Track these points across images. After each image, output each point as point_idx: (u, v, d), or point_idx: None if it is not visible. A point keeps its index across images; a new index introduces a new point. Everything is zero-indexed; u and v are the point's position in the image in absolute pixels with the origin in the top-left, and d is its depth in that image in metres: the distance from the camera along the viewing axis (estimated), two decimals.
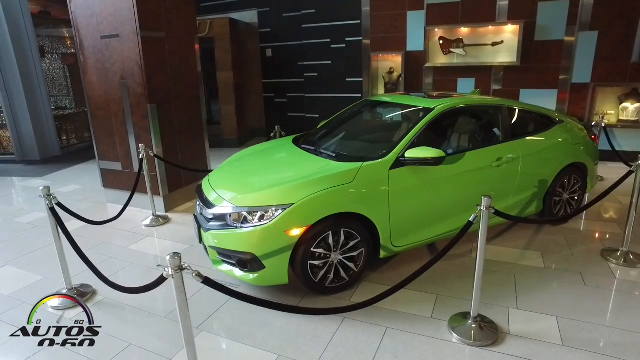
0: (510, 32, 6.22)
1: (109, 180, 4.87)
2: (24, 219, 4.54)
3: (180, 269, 1.69)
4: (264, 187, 2.81)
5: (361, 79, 7.70)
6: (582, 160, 3.79)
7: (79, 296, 2.94)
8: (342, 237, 2.75)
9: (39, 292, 3.04)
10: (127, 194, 3.99)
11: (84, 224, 3.76)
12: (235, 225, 2.69)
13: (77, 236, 3.96)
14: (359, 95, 7.73)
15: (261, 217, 2.63)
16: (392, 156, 2.91)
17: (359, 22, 7.42)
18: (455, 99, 3.38)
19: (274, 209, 2.62)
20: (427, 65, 6.80)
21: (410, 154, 2.88)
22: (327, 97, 8.28)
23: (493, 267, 3.22)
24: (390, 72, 7.38)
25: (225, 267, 2.84)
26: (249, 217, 2.66)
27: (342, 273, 2.85)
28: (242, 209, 2.70)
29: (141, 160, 4.07)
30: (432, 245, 3.62)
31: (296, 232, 2.59)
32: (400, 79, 7.17)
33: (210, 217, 2.87)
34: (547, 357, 2.21)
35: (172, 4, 4.42)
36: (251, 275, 2.69)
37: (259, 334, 2.52)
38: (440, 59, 6.76)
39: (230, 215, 2.73)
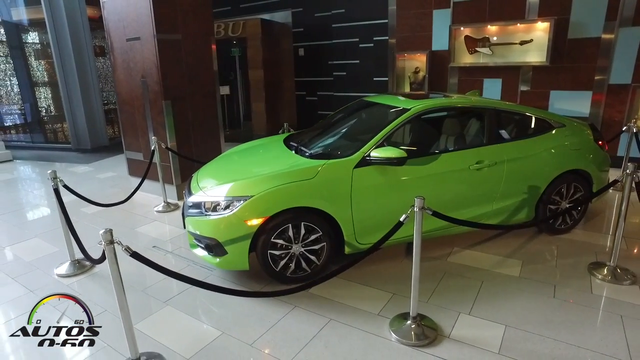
0: (541, 30, 5.85)
1: (133, 168, 5.40)
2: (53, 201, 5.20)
3: (111, 242, 1.95)
4: (234, 179, 3.03)
5: (387, 78, 7.66)
6: (584, 167, 3.54)
7: (79, 267, 3.38)
8: (303, 230, 2.89)
9: (52, 261, 3.53)
10: (149, 182, 4.45)
11: (103, 207, 4.29)
12: (207, 213, 2.94)
13: (95, 217, 4.55)
14: None
15: (226, 207, 2.85)
16: (358, 155, 2.98)
17: (386, 21, 7.39)
18: (434, 100, 3.35)
19: (237, 199, 2.82)
20: (451, 65, 6.61)
21: (374, 153, 2.93)
22: (355, 96, 8.30)
23: (465, 272, 3.16)
24: (416, 72, 7.27)
25: (199, 251, 3.10)
26: (218, 206, 2.89)
27: (304, 265, 2.98)
28: (212, 198, 2.95)
29: (153, 152, 4.48)
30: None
31: (255, 222, 2.78)
32: (425, 78, 7.04)
33: (190, 204, 3.14)
34: None
35: (189, 8, 4.79)
36: (216, 259, 2.93)
37: (215, 312, 2.76)
38: (465, 59, 6.53)
39: (204, 204, 2.98)
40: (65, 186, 3.37)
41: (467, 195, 3.28)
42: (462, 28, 6.40)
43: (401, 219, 2.33)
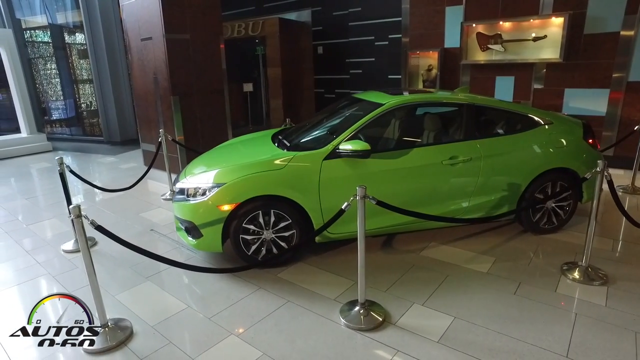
0: (555, 26, 5.63)
1: (148, 159, 5.80)
2: (84, 186, 5.71)
3: (79, 216, 2.22)
4: (214, 168, 3.25)
5: (400, 76, 7.65)
6: (569, 165, 3.44)
7: None
8: (273, 218, 3.06)
9: (62, 239, 3.94)
10: (160, 172, 4.81)
11: (117, 193, 4.73)
12: (188, 198, 3.19)
13: (108, 202, 4.97)
14: None
15: (203, 193, 3.08)
16: (327, 148, 3.11)
17: (400, 19, 7.38)
18: (409, 96, 3.40)
19: (212, 186, 3.04)
20: (463, 62, 6.50)
21: (343, 146, 3.04)
22: None
23: (433, 265, 3.19)
24: (429, 70, 7.21)
25: (183, 234, 3.36)
26: (198, 192, 3.13)
27: (274, 250, 3.15)
28: (193, 184, 3.19)
29: (159, 143, 4.83)
30: (390, 237, 3.68)
31: (226, 207, 2.98)
32: (437, 76, 6.97)
33: (177, 190, 3.41)
34: (412, 349, 2.26)
35: (198, 9, 5.10)
36: (194, 241, 3.17)
37: (187, 289, 3.01)
38: (477, 56, 6.40)
39: (187, 190, 3.23)
40: (72, 171, 3.75)
41: (440, 190, 3.30)
42: (474, 25, 6.28)
43: (343, 207, 2.43)
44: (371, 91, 4.09)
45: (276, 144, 3.56)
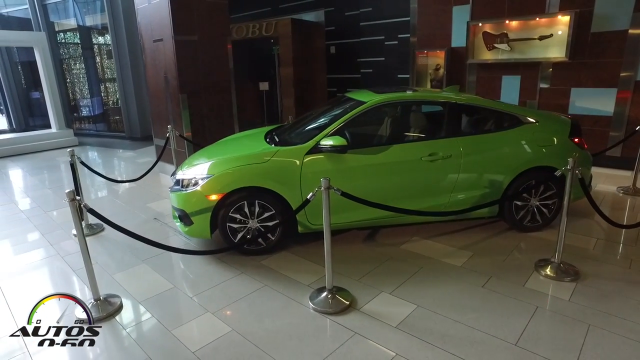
0: (563, 25, 5.55)
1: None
2: (97, 179, 6.12)
3: (73, 200, 2.49)
4: (207, 161, 3.49)
5: (409, 76, 7.70)
6: (552, 164, 3.44)
7: (91, 230, 4.08)
8: (257, 208, 3.26)
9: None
10: (172, 166, 5.14)
11: (132, 184, 5.10)
12: (182, 188, 3.44)
13: (121, 193, 5.33)
14: None
15: (195, 184, 3.33)
16: (310, 143, 3.28)
17: (409, 19, 7.43)
18: (392, 94, 3.51)
19: (202, 178, 3.28)
20: (469, 61, 6.49)
21: (323, 141, 3.21)
22: None
23: (410, 258, 3.30)
24: (437, 69, 7.23)
25: (178, 221, 3.62)
26: (190, 183, 3.38)
27: (260, 239, 3.35)
28: (187, 176, 3.44)
29: (167, 138, 5.14)
30: (375, 231, 3.81)
31: (214, 197, 3.21)
32: (444, 76, 6.98)
33: (174, 181, 3.67)
34: (369, 332, 2.40)
35: (205, 12, 5.38)
36: (186, 228, 3.41)
37: (178, 271, 3.26)
38: (484, 55, 6.38)
39: (182, 181, 3.49)
40: (82, 163, 4.10)
41: (419, 185, 3.40)
42: (480, 24, 6.26)
43: (308, 197, 2.60)
44: (362, 90, 4.23)
45: (267, 140, 3.76)
